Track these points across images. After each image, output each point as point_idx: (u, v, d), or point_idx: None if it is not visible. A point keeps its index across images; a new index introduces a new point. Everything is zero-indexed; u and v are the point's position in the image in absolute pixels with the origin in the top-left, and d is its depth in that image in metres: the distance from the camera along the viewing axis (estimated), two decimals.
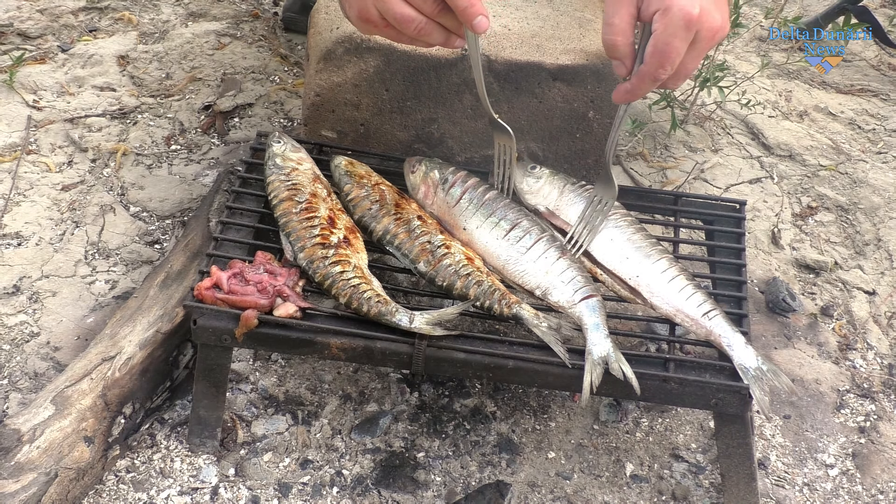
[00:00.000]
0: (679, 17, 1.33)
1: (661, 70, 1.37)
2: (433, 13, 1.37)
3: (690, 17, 1.33)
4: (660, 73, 1.38)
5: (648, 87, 1.42)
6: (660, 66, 1.37)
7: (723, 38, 1.42)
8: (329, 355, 1.52)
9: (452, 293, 1.57)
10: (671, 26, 1.34)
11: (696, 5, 1.33)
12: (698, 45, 1.38)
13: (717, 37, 1.39)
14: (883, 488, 1.73)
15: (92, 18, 2.75)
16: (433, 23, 1.38)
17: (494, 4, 1.90)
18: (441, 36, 1.41)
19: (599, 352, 1.48)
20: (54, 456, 1.51)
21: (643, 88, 1.42)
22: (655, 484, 1.69)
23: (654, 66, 1.37)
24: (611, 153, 1.56)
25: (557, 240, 1.64)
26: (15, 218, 2.09)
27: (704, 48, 1.39)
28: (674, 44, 1.35)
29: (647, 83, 1.41)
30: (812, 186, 2.40)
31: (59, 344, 1.83)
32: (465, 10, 1.36)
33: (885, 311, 2.09)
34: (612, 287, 1.62)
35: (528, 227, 1.64)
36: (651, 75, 1.39)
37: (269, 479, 1.63)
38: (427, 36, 1.39)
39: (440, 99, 1.83)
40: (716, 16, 1.36)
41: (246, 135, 2.38)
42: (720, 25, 1.37)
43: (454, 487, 1.64)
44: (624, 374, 1.46)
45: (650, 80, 1.40)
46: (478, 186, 1.69)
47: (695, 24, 1.34)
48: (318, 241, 1.57)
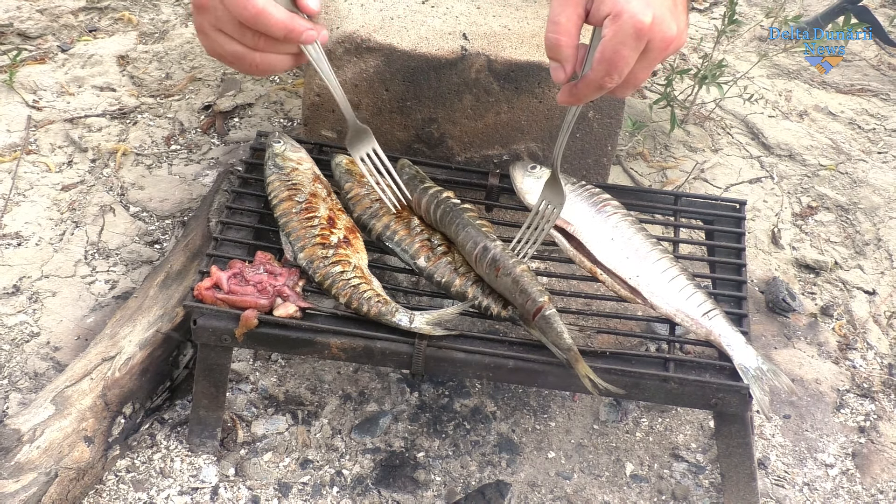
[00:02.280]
0: (630, 24, 1.23)
1: (608, 78, 1.29)
2: (263, 46, 1.36)
3: (642, 27, 1.24)
4: (606, 82, 1.30)
5: (594, 94, 1.33)
6: (606, 75, 1.29)
7: (678, 48, 1.33)
8: (329, 355, 1.52)
9: (450, 291, 1.57)
10: (620, 34, 1.25)
11: (648, 14, 1.24)
12: (650, 56, 1.29)
13: (671, 48, 1.30)
14: (883, 488, 1.73)
15: (92, 18, 2.75)
16: (269, 54, 1.37)
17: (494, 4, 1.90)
18: (286, 61, 1.40)
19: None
20: (54, 456, 1.51)
21: (588, 94, 1.34)
22: (655, 484, 1.69)
23: (600, 74, 1.29)
24: (558, 157, 1.49)
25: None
26: (15, 218, 2.09)
27: (656, 58, 1.31)
28: (622, 52, 1.26)
29: (593, 90, 1.32)
30: (812, 186, 2.40)
31: (59, 344, 1.83)
32: (287, 36, 1.34)
33: (885, 310, 2.09)
34: (612, 287, 1.62)
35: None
36: (597, 82, 1.30)
37: (269, 479, 1.63)
38: (269, 67, 1.38)
39: (440, 99, 1.83)
40: (671, 25, 1.28)
41: (246, 135, 2.38)
42: (674, 36, 1.29)
43: (454, 487, 1.65)
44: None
45: (595, 87, 1.31)
46: None
47: (646, 34, 1.25)
48: (318, 241, 1.57)
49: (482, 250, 1.54)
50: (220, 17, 1.34)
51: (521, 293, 1.49)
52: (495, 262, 1.52)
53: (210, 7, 1.34)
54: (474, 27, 1.83)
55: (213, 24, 1.36)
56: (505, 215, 1.89)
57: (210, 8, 1.34)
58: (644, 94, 2.63)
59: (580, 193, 1.71)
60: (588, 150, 1.91)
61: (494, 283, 1.53)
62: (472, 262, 1.57)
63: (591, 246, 1.64)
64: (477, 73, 1.80)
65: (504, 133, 1.88)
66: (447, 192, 1.67)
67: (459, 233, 1.59)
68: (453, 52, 1.78)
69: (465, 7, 1.89)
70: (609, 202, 1.69)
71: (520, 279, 1.49)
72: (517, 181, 1.74)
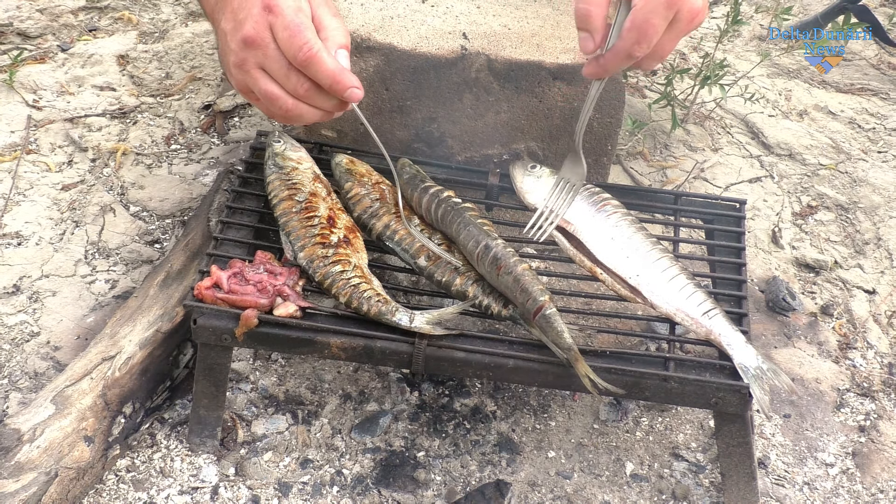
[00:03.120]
0: None
1: (638, 47, 1.33)
2: (302, 93, 1.34)
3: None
4: (636, 50, 1.34)
5: (622, 63, 1.37)
6: (636, 43, 1.33)
7: (701, 22, 1.38)
8: (329, 354, 1.52)
9: (451, 290, 1.57)
10: (652, 3, 1.30)
11: None
12: (677, 26, 1.34)
13: (697, 20, 1.35)
14: (883, 487, 1.73)
15: (92, 18, 2.75)
16: (302, 103, 1.35)
17: (494, 4, 1.90)
18: (316, 114, 1.38)
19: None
20: (54, 455, 1.51)
21: (616, 65, 1.38)
22: (655, 483, 1.69)
23: (630, 42, 1.33)
24: (581, 132, 1.51)
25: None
26: (15, 218, 2.09)
27: (683, 30, 1.35)
28: (653, 21, 1.31)
29: (622, 59, 1.36)
30: (812, 185, 2.40)
31: (59, 343, 1.83)
32: (332, 87, 1.33)
33: (885, 310, 2.09)
34: (613, 286, 1.62)
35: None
36: (626, 51, 1.34)
37: (270, 479, 1.63)
38: (299, 115, 1.36)
39: (440, 98, 1.83)
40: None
41: (246, 134, 2.38)
42: (700, 8, 1.34)
43: (454, 487, 1.65)
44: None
45: (625, 56, 1.35)
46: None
47: (675, 4, 1.31)
48: (318, 240, 1.57)
49: (483, 249, 1.54)
50: (270, 56, 1.33)
51: (521, 292, 1.49)
52: (496, 260, 1.52)
53: (262, 43, 1.32)
54: (474, 26, 1.83)
55: (258, 62, 1.34)
56: (505, 215, 1.89)
57: (262, 45, 1.32)
58: (644, 93, 2.63)
59: (580, 193, 1.70)
60: (588, 149, 1.91)
61: (496, 281, 1.53)
62: (474, 261, 1.57)
63: (592, 245, 1.64)
64: (477, 72, 1.80)
65: (504, 132, 1.88)
66: (448, 191, 1.67)
67: (461, 231, 1.59)
68: (453, 52, 1.78)
69: (465, 6, 1.89)
70: (609, 201, 1.69)
71: (521, 278, 1.50)
72: (517, 181, 1.74)
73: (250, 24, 1.32)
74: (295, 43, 1.30)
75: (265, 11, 1.32)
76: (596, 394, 1.47)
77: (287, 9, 1.32)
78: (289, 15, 1.31)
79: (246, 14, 1.34)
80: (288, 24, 1.31)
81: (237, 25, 1.34)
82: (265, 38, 1.32)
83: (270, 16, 1.32)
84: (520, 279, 1.49)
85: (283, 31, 1.31)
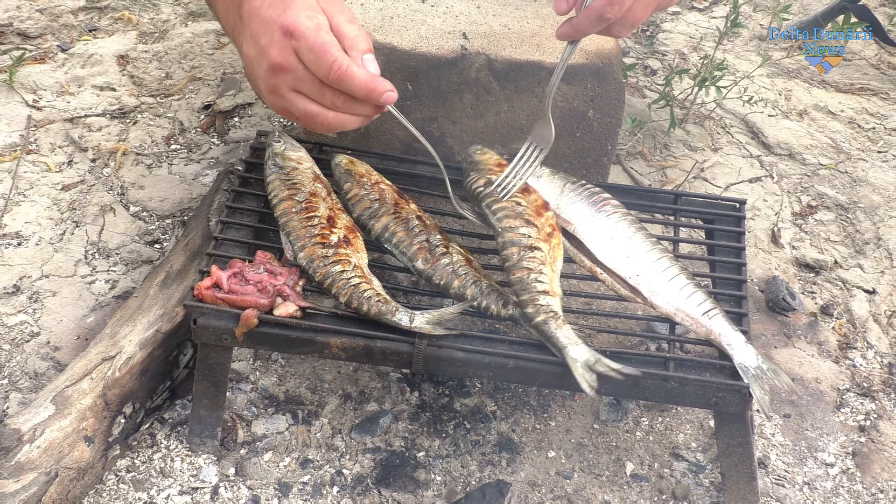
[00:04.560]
0: None
1: (609, 9, 1.36)
2: (340, 105, 1.36)
3: None
4: (607, 11, 1.36)
5: (594, 25, 1.40)
6: (609, 4, 1.35)
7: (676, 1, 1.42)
8: (329, 354, 1.52)
9: (449, 292, 1.57)
10: None
11: None
12: None
13: None
14: (883, 487, 1.73)
15: (92, 18, 2.75)
16: (343, 114, 1.38)
17: (494, 4, 1.91)
18: (357, 121, 1.40)
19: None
20: (54, 455, 1.51)
21: (588, 26, 1.40)
22: (656, 483, 1.69)
23: (603, 2, 1.36)
24: (550, 95, 1.52)
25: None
26: (15, 218, 2.09)
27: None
28: None
29: (593, 21, 1.39)
30: (812, 185, 2.40)
31: (59, 344, 1.83)
32: (368, 96, 1.35)
33: (885, 309, 2.09)
34: (612, 286, 1.62)
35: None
36: (598, 12, 1.37)
37: (270, 479, 1.63)
38: (341, 125, 1.39)
39: (440, 98, 1.83)
40: None
41: (246, 134, 2.38)
42: None
43: (454, 487, 1.65)
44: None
45: (596, 17, 1.38)
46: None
47: None
48: (318, 240, 1.57)
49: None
50: (301, 78, 1.35)
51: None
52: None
53: (290, 68, 1.34)
54: (474, 26, 1.83)
55: (290, 85, 1.36)
56: None
57: (290, 69, 1.34)
58: (644, 93, 2.64)
59: (580, 193, 1.70)
60: (588, 149, 1.91)
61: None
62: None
63: (591, 245, 1.64)
64: (477, 72, 1.80)
65: (504, 132, 1.88)
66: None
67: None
68: (453, 52, 1.78)
69: (465, 6, 1.89)
70: (609, 201, 1.69)
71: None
72: None
73: (275, 50, 1.34)
74: (323, 64, 1.32)
75: (286, 36, 1.33)
76: (594, 395, 1.46)
77: (307, 30, 1.32)
78: (311, 36, 1.32)
79: (268, 40, 1.35)
80: (312, 45, 1.32)
81: (261, 52, 1.36)
82: (292, 62, 1.34)
83: (293, 40, 1.33)
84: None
85: (308, 54, 1.32)
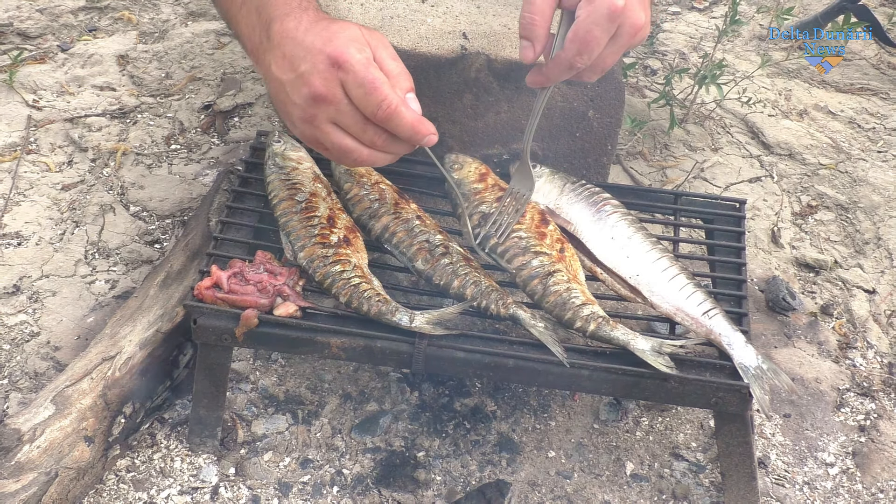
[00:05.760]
0: (604, 6, 1.31)
1: (579, 58, 1.35)
2: (379, 144, 1.33)
3: (615, 9, 1.31)
4: (577, 61, 1.36)
5: (564, 73, 1.39)
6: (578, 54, 1.35)
7: (643, 38, 1.40)
8: (329, 354, 1.52)
9: (449, 292, 1.57)
10: (594, 14, 1.32)
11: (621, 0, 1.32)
12: (619, 40, 1.36)
13: (639, 35, 1.37)
14: (883, 487, 1.73)
15: (92, 18, 2.75)
16: (377, 151, 1.35)
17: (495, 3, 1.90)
18: (389, 159, 1.37)
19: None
20: (54, 455, 1.51)
21: (558, 74, 1.40)
22: (656, 483, 1.69)
23: (572, 53, 1.35)
24: (528, 142, 1.53)
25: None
26: (15, 218, 2.09)
27: (625, 44, 1.37)
28: (595, 32, 1.33)
29: (563, 70, 1.38)
30: (812, 185, 2.40)
31: (59, 343, 1.83)
32: (412, 137, 1.32)
33: (885, 309, 2.09)
34: (612, 286, 1.62)
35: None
36: (568, 62, 1.36)
37: (270, 479, 1.63)
38: (372, 162, 1.36)
39: (440, 98, 1.83)
40: (640, 14, 1.35)
41: (246, 134, 2.38)
42: (643, 24, 1.36)
43: (454, 486, 1.65)
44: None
45: (566, 66, 1.37)
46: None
47: (618, 17, 1.32)
48: (318, 240, 1.57)
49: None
50: (343, 112, 1.31)
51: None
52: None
53: (334, 100, 1.30)
54: (474, 26, 1.83)
55: (330, 117, 1.32)
56: None
57: (334, 101, 1.30)
58: (644, 93, 2.64)
59: (580, 193, 1.71)
60: (588, 149, 1.91)
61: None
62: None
63: (591, 245, 1.64)
64: (477, 72, 1.80)
65: (504, 132, 1.88)
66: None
67: None
68: (453, 52, 1.78)
69: (465, 6, 1.89)
70: (609, 201, 1.69)
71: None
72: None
73: (318, 80, 1.29)
74: (373, 101, 1.28)
75: (334, 68, 1.29)
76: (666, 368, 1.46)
77: (358, 64, 1.28)
78: (361, 71, 1.28)
79: (310, 67, 1.30)
80: (362, 80, 1.28)
81: (301, 79, 1.31)
82: (337, 95, 1.29)
83: (341, 72, 1.29)
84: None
85: (357, 89, 1.28)
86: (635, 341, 1.48)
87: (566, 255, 1.60)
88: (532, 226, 1.63)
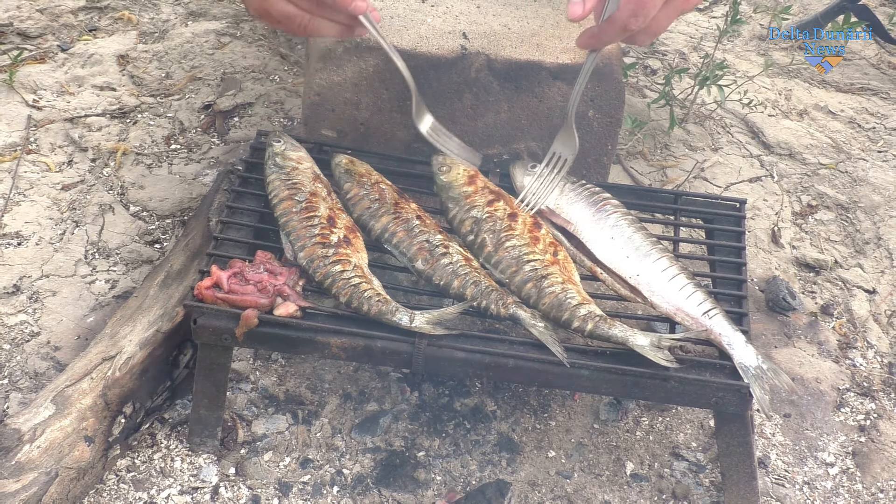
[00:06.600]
0: None
1: (634, 19, 1.35)
2: (315, 10, 1.44)
3: None
4: (632, 23, 1.36)
5: (616, 35, 1.39)
6: (633, 15, 1.35)
7: (696, 4, 1.41)
8: (329, 354, 1.52)
9: (449, 292, 1.57)
10: None
11: None
12: (673, 3, 1.36)
13: (692, 1, 1.38)
14: (883, 487, 1.73)
15: (92, 18, 2.75)
16: (318, 18, 1.45)
17: (494, 3, 1.90)
18: (334, 28, 1.49)
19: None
20: (55, 455, 1.51)
21: (611, 36, 1.40)
22: (656, 483, 1.70)
23: (627, 14, 1.35)
24: (574, 106, 1.52)
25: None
26: (15, 217, 2.09)
27: (678, 7, 1.37)
28: None
29: (617, 31, 1.38)
30: (812, 185, 2.40)
31: (59, 343, 1.83)
32: (335, 2, 1.43)
33: (886, 309, 2.09)
34: (613, 286, 1.62)
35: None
36: (622, 23, 1.36)
37: (270, 479, 1.63)
38: (317, 30, 1.47)
39: (440, 98, 1.83)
40: None
41: (246, 134, 2.38)
42: None
43: (454, 486, 1.65)
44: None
45: (620, 28, 1.37)
46: None
47: None
48: (319, 240, 1.57)
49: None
50: None
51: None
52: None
53: None
54: (474, 26, 1.83)
55: None
56: None
57: None
58: (644, 93, 2.64)
59: (580, 192, 1.71)
60: (588, 149, 1.91)
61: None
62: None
63: (592, 245, 1.64)
64: (477, 72, 1.80)
65: (504, 132, 1.88)
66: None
67: None
68: (453, 52, 1.78)
69: (465, 6, 1.89)
70: (609, 201, 1.69)
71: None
72: (517, 180, 1.74)
73: None
74: None
75: None
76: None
77: None
78: None
79: None
80: None
81: None
82: None
83: None
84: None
85: None
86: (634, 337, 1.48)
87: (559, 257, 1.60)
88: (524, 232, 1.63)
